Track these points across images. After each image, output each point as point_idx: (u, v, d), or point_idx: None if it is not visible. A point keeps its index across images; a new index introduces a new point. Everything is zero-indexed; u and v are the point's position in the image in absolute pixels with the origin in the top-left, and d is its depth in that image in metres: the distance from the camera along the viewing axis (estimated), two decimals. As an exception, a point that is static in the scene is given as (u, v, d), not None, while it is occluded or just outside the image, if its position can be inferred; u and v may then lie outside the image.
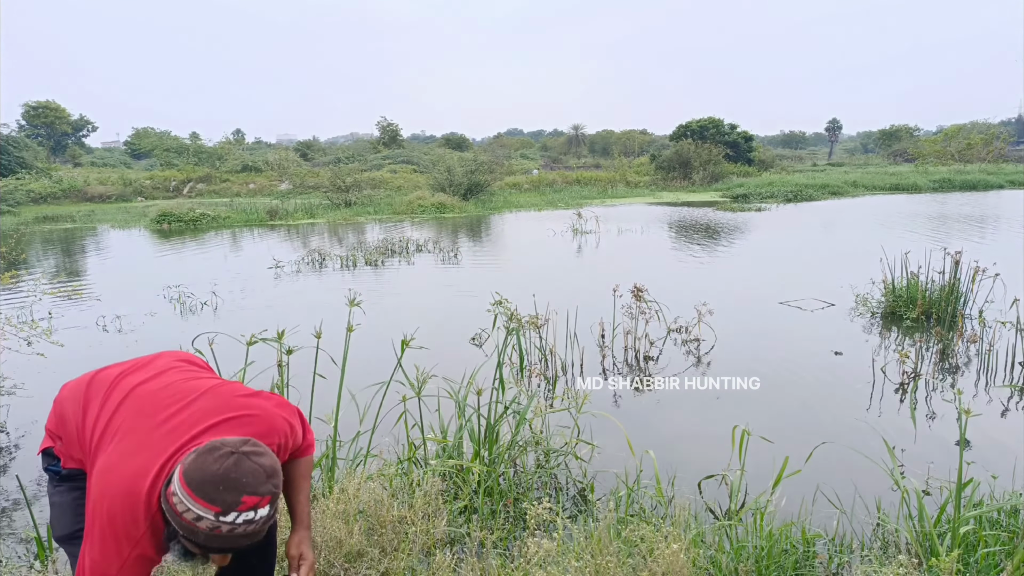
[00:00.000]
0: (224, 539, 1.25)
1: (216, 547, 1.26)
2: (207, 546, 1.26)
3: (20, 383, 4.76)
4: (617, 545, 2.33)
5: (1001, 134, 39.88)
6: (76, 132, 55.65)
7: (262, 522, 1.29)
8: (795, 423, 4.19)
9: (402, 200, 21.24)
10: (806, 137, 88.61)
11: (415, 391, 3.12)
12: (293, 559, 1.60)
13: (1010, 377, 4.91)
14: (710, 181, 29.20)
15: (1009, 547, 2.37)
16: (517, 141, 69.33)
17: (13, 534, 3.01)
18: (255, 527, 1.28)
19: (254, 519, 1.27)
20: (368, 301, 7.32)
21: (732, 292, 7.96)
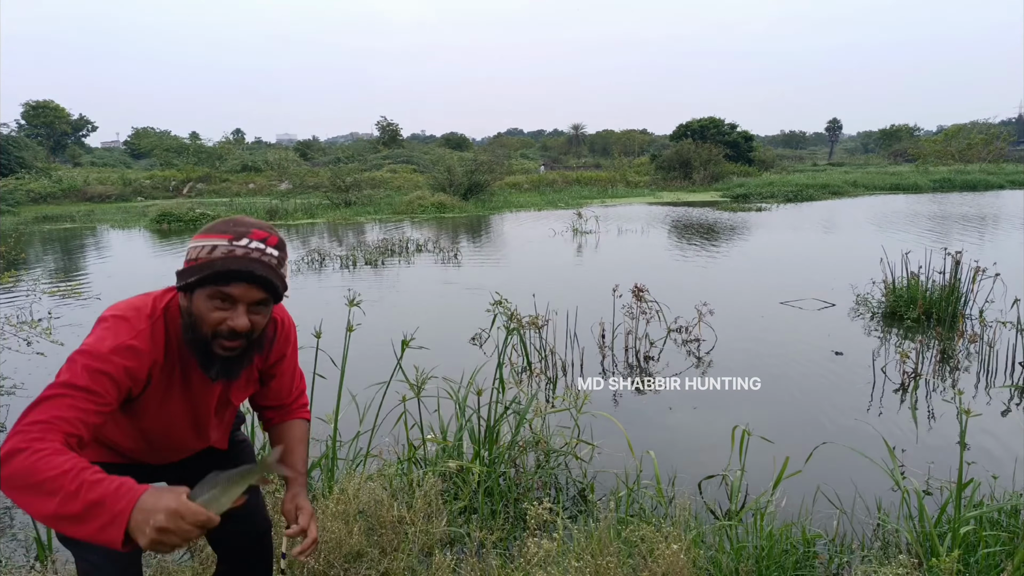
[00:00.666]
0: (239, 260, 1.28)
1: (234, 269, 1.27)
2: (224, 271, 1.27)
3: (20, 383, 4.75)
4: (617, 545, 2.33)
5: (1002, 134, 39.87)
6: (76, 132, 55.68)
7: (273, 260, 1.33)
8: (795, 423, 4.19)
9: (402, 200, 21.24)
10: (806, 137, 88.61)
11: (415, 391, 3.12)
12: (289, 513, 1.54)
13: (1010, 377, 4.91)
14: (710, 181, 29.20)
15: (1010, 547, 2.37)
16: (517, 141, 69.36)
17: (13, 534, 3.01)
18: (267, 259, 1.32)
19: (264, 250, 1.32)
20: (368, 301, 7.31)
21: (733, 292, 7.96)
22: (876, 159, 51.55)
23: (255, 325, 1.36)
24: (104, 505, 1.05)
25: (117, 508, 1.05)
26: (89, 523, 1.05)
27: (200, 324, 1.33)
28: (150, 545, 1.04)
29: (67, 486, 1.05)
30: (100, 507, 1.05)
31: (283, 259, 1.38)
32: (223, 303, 1.31)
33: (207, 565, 2.38)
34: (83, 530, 1.06)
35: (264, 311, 1.38)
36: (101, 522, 1.05)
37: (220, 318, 1.32)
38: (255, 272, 1.29)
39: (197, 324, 1.33)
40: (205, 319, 1.32)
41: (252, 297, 1.32)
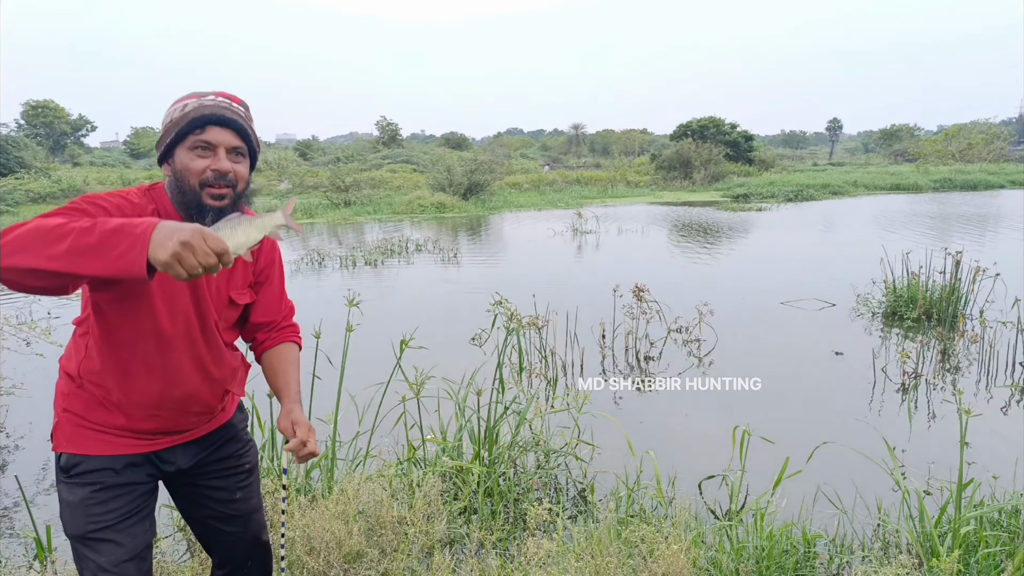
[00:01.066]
0: (210, 108, 1.41)
1: (206, 114, 1.40)
2: (197, 118, 1.39)
3: (20, 383, 4.75)
4: (617, 546, 2.33)
5: (1002, 134, 39.86)
6: (75, 132, 55.65)
7: (241, 112, 1.46)
8: (796, 423, 4.19)
9: (401, 200, 21.23)
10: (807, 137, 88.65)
11: (414, 392, 3.12)
12: (287, 430, 1.55)
13: (1011, 377, 4.90)
14: (711, 181, 29.19)
15: (1010, 548, 2.37)
16: (517, 141, 69.37)
17: (13, 534, 3.01)
18: (236, 110, 1.45)
19: (230, 104, 1.45)
20: (367, 301, 7.31)
21: (733, 292, 7.95)
22: (876, 159, 51.55)
23: (237, 174, 1.45)
24: (122, 230, 1.09)
25: (138, 231, 1.09)
26: (107, 252, 1.08)
27: (187, 177, 1.41)
28: (171, 259, 1.07)
29: (79, 228, 1.10)
30: (118, 233, 1.09)
31: (249, 117, 1.50)
32: (203, 151, 1.41)
33: (207, 566, 2.38)
34: (100, 260, 1.09)
35: (243, 161, 1.48)
36: (121, 248, 1.08)
37: (203, 165, 1.41)
38: (226, 116, 1.42)
39: (184, 179, 1.41)
40: (190, 169, 1.41)
41: (229, 142, 1.43)
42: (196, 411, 1.58)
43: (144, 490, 1.54)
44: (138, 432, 1.51)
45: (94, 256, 1.09)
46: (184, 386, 1.52)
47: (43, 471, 3.68)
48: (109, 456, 1.48)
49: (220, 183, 1.42)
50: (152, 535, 1.56)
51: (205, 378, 1.56)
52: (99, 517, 1.45)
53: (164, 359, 1.47)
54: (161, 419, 1.52)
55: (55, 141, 52.04)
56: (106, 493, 1.47)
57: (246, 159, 1.50)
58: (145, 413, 1.49)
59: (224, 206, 1.43)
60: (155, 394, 1.48)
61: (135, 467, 1.52)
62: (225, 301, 1.57)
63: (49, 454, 3.82)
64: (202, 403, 1.57)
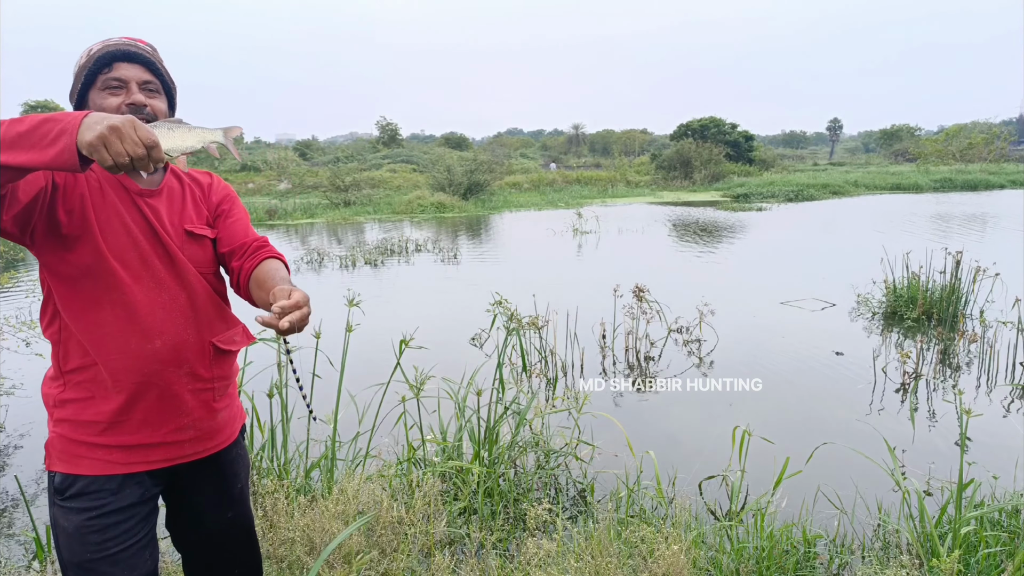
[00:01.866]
0: (115, 46, 1.40)
1: (111, 51, 1.39)
2: (103, 55, 1.39)
3: (19, 383, 4.75)
4: (617, 546, 2.32)
5: (1002, 134, 39.85)
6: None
7: (147, 48, 1.45)
8: (796, 423, 4.18)
9: (401, 200, 21.22)
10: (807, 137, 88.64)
11: (414, 392, 3.11)
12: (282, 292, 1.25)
13: (1011, 377, 4.90)
14: (711, 181, 29.18)
15: (1010, 548, 2.36)
16: (517, 140, 69.36)
17: (13, 534, 3.01)
18: (142, 46, 1.44)
19: (135, 42, 1.44)
20: (367, 301, 7.31)
21: (733, 292, 7.95)
22: (877, 159, 51.54)
23: (153, 108, 1.43)
24: (53, 119, 1.08)
25: (68, 117, 1.07)
26: (38, 140, 1.07)
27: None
28: (97, 140, 1.04)
29: (10, 120, 1.08)
30: (49, 121, 1.08)
31: (158, 56, 1.48)
32: (115, 89, 1.40)
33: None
34: (31, 149, 1.07)
35: (158, 98, 1.45)
36: (52, 134, 1.06)
37: (117, 102, 1.39)
38: (131, 51, 1.41)
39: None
40: (105, 109, 1.38)
41: (139, 76, 1.41)
42: (185, 373, 1.44)
43: (144, 513, 1.46)
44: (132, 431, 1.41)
45: (26, 145, 1.07)
46: (163, 335, 1.40)
47: (43, 471, 3.68)
48: (105, 476, 1.40)
49: (137, 117, 1.30)
50: (154, 563, 1.48)
51: (184, 322, 1.44)
52: (96, 547, 1.38)
53: (132, 308, 1.38)
54: (150, 388, 1.40)
55: (55, 141, 52.09)
56: (103, 520, 1.39)
57: (161, 95, 1.47)
58: (131, 380, 1.38)
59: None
60: (134, 352, 1.37)
61: (135, 485, 1.43)
62: (182, 234, 1.48)
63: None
64: (187, 360, 1.44)
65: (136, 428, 1.42)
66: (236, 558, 1.69)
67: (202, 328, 1.49)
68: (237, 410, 1.66)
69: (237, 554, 1.68)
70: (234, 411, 1.64)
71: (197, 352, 1.47)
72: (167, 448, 1.46)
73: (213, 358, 1.51)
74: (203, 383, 1.50)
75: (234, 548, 1.68)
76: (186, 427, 1.48)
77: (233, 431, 1.63)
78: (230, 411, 1.61)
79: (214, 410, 1.53)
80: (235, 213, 1.63)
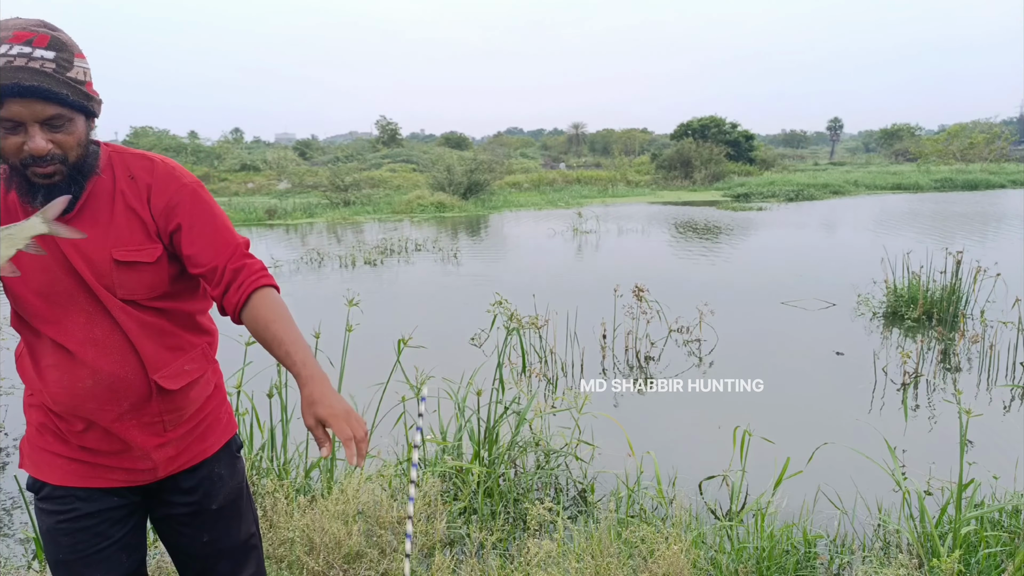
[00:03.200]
0: (2, 72, 1.09)
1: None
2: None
3: (19, 383, 4.75)
4: (618, 546, 2.32)
5: (1003, 133, 39.83)
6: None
7: (48, 65, 1.12)
8: (796, 423, 4.18)
9: (401, 199, 21.22)
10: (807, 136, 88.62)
11: (414, 392, 3.11)
12: (315, 431, 1.19)
13: (1011, 377, 4.90)
14: (711, 180, 29.17)
15: (1010, 548, 2.36)
16: (517, 140, 69.35)
17: (12, 534, 3.01)
18: (37, 65, 1.11)
19: (31, 54, 1.11)
20: (367, 301, 7.31)
21: (733, 292, 7.95)
22: (877, 158, 51.53)
23: (63, 145, 1.17)
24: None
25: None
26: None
27: (5, 155, 1.16)
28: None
29: None
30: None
31: (65, 61, 1.15)
32: (13, 127, 1.13)
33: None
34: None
35: (69, 128, 1.17)
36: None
37: (16, 144, 1.14)
38: (21, 84, 1.09)
39: (2, 156, 1.17)
40: (5, 150, 1.15)
41: (37, 114, 1.13)
42: (126, 411, 1.31)
43: (119, 516, 1.37)
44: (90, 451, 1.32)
45: None
46: (96, 374, 1.27)
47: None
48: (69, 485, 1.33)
49: (43, 164, 1.16)
50: (134, 563, 1.41)
51: (119, 359, 1.28)
52: (68, 548, 1.33)
53: (64, 345, 1.26)
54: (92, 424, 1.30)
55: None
56: (72, 524, 1.32)
57: (75, 118, 1.18)
58: (72, 414, 1.29)
59: (58, 182, 1.19)
60: (68, 389, 1.27)
61: (103, 492, 1.35)
62: (110, 264, 1.26)
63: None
64: (126, 398, 1.30)
65: (90, 451, 1.34)
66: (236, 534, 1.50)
67: (142, 365, 1.30)
68: (214, 427, 1.47)
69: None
70: (207, 429, 1.45)
71: (137, 391, 1.31)
72: (125, 472, 1.36)
73: (157, 395, 1.33)
74: (150, 417, 1.34)
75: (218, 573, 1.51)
76: (138, 457, 1.35)
77: (206, 449, 1.44)
78: (198, 432, 1.43)
79: (167, 439, 1.37)
80: (194, 225, 1.32)
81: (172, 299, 1.35)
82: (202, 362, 1.42)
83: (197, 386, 1.41)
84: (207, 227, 1.34)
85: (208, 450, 1.45)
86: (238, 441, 1.56)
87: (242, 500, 1.53)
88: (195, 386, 1.41)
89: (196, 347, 1.41)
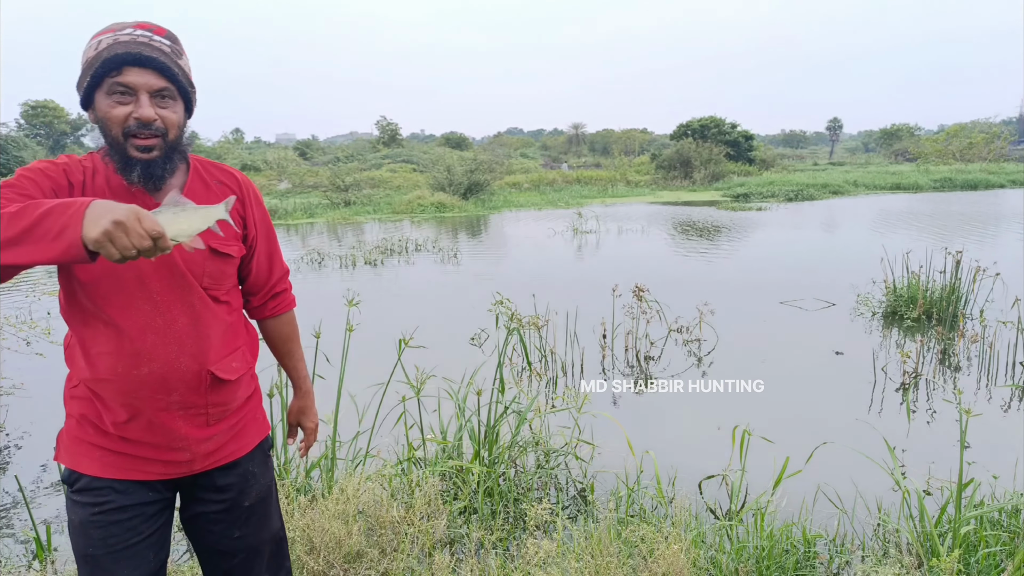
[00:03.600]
0: (126, 45, 1.24)
1: (120, 53, 1.23)
2: (111, 58, 1.23)
3: (19, 383, 4.75)
4: (617, 546, 2.33)
5: (1002, 133, 39.86)
6: (75, 131, 55.60)
7: (164, 46, 1.29)
8: (796, 423, 4.19)
9: (401, 199, 21.22)
10: (807, 136, 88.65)
11: (415, 391, 3.12)
12: (292, 427, 1.60)
13: (1011, 377, 4.90)
14: (711, 180, 29.17)
15: (1010, 547, 2.37)
16: (517, 140, 69.38)
17: (12, 534, 3.01)
18: (157, 44, 1.28)
19: (151, 37, 1.28)
20: (367, 301, 7.31)
21: (733, 292, 7.95)
22: (877, 158, 51.53)
23: (166, 121, 1.30)
24: (54, 212, 1.03)
25: (70, 210, 1.03)
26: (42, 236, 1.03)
27: (109, 126, 1.27)
28: (102, 237, 1.01)
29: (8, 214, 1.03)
30: (51, 214, 1.03)
31: (177, 51, 1.33)
32: (123, 96, 1.26)
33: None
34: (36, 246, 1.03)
35: (172, 106, 1.31)
36: (55, 229, 1.02)
37: (124, 112, 1.26)
38: (143, 54, 1.24)
39: (106, 128, 1.28)
40: (111, 118, 1.26)
41: (151, 84, 1.27)
42: (175, 401, 1.37)
43: (151, 512, 1.41)
44: (130, 442, 1.37)
45: (29, 242, 1.03)
46: (152, 362, 1.33)
47: (43, 471, 3.68)
48: (106, 477, 1.38)
49: (145, 132, 1.27)
50: (159, 563, 1.44)
51: (178, 349, 1.35)
52: (99, 542, 1.36)
53: (121, 331, 1.31)
54: (139, 412, 1.35)
55: (55, 141, 51.99)
56: (106, 517, 1.36)
57: (177, 101, 1.32)
58: (119, 401, 1.34)
59: (154, 158, 1.29)
60: (121, 375, 1.32)
61: (139, 486, 1.40)
62: (204, 251, 1.37)
63: (49, 453, 3.82)
64: (177, 389, 1.36)
65: (131, 442, 1.38)
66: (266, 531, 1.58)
67: (201, 355, 1.38)
68: (250, 427, 1.55)
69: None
70: (244, 428, 1.53)
71: (191, 381, 1.38)
72: (163, 464, 1.41)
73: (209, 386, 1.41)
74: (196, 409, 1.40)
75: (249, 571, 1.57)
76: (179, 448, 1.41)
77: (241, 447, 1.52)
78: (236, 430, 1.50)
79: (208, 434, 1.44)
80: (264, 245, 1.55)
81: (236, 296, 1.52)
82: (246, 360, 1.53)
83: (241, 384, 1.50)
84: (272, 248, 1.58)
85: (243, 448, 1.52)
86: (270, 440, 1.64)
87: (271, 498, 1.61)
88: (240, 383, 1.50)
89: (242, 346, 1.52)
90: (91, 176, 1.32)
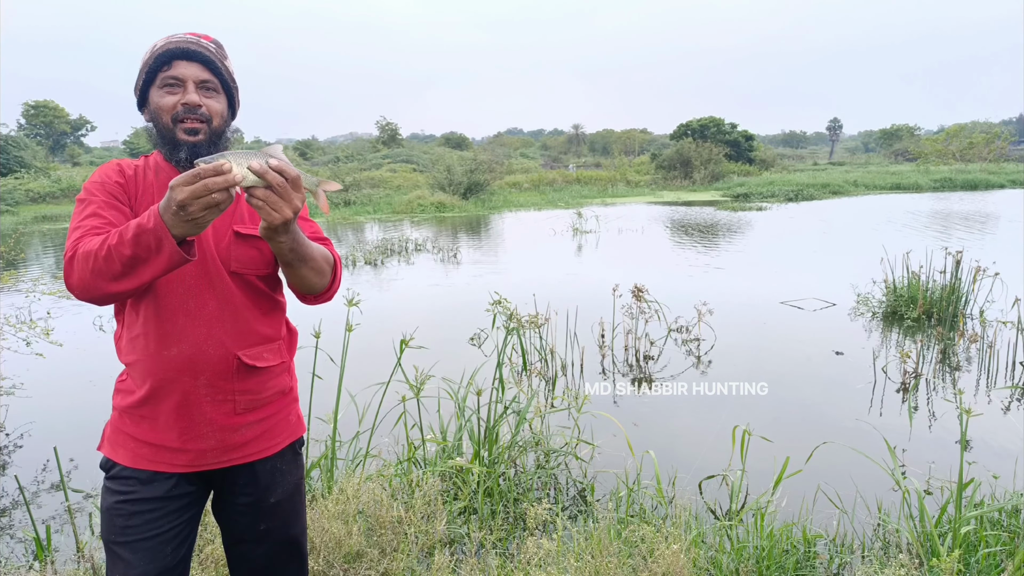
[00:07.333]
0: (176, 43, 1.40)
1: (171, 49, 1.39)
2: (163, 53, 1.39)
3: (19, 383, 4.75)
4: (617, 546, 2.33)
5: (1002, 133, 39.87)
6: (75, 131, 55.61)
7: (211, 47, 1.44)
8: (796, 423, 4.18)
9: (401, 199, 21.23)
10: (807, 136, 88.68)
11: (414, 392, 3.11)
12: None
13: (1011, 377, 4.90)
14: (711, 180, 29.18)
15: (1010, 547, 2.37)
16: (517, 140, 69.38)
17: (12, 534, 3.01)
18: (204, 44, 1.43)
19: (199, 39, 1.44)
20: (367, 301, 7.31)
21: (733, 292, 7.95)
22: (877, 158, 51.54)
23: (210, 109, 1.42)
24: (136, 235, 1.17)
25: (150, 226, 1.16)
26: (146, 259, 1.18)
27: (160, 115, 1.40)
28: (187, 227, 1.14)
29: (111, 242, 1.19)
30: (138, 237, 1.17)
31: (222, 53, 1.47)
32: (173, 88, 1.40)
33: (206, 565, 2.38)
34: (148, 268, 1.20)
35: (216, 97, 1.44)
36: (153, 244, 1.16)
37: (173, 100, 1.40)
38: (191, 49, 1.40)
39: (158, 117, 1.41)
40: (161, 107, 1.40)
41: (196, 76, 1.40)
42: (203, 384, 1.40)
43: (174, 508, 1.44)
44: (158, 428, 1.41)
45: (140, 266, 1.19)
46: (180, 343, 1.38)
47: (43, 471, 3.68)
48: (136, 467, 1.42)
49: (191, 117, 1.39)
50: (176, 559, 1.44)
51: (206, 331, 1.39)
52: (119, 531, 1.40)
53: (155, 311, 1.38)
54: (168, 394, 1.39)
55: (55, 141, 51.99)
56: (130, 507, 1.40)
57: (220, 95, 1.45)
58: (149, 383, 1.39)
59: (199, 141, 1.41)
60: (152, 356, 1.38)
61: (165, 480, 1.42)
62: (229, 235, 1.43)
63: (49, 453, 3.82)
64: (204, 372, 1.39)
65: (160, 429, 1.42)
66: (275, 572, 1.60)
67: (230, 339, 1.42)
68: (282, 425, 1.56)
69: (275, 568, 1.59)
70: (276, 426, 1.54)
71: (218, 364, 1.41)
72: (190, 454, 1.43)
73: (236, 371, 1.43)
74: (223, 395, 1.43)
75: (269, 561, 1.58)
76: (205, 435, 1.43)
77: (273, 445, 1.53)
78: (267, 424, 1.51)
79: (236, 423, 1.45)
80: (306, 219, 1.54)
81: (272, 281, 1.53)
82: (281, 355, 1.55)
83: (273, 377, 1.52)
84: (313, 225, 1.56)
85: (274, 448, 1.54)
86: (302, 440, 1.65)
87: (299, 495, 1.63)
88: (271, 376, 1.52)
89: (278, 339, 1.54)
90: (142, 171, 1.46)
